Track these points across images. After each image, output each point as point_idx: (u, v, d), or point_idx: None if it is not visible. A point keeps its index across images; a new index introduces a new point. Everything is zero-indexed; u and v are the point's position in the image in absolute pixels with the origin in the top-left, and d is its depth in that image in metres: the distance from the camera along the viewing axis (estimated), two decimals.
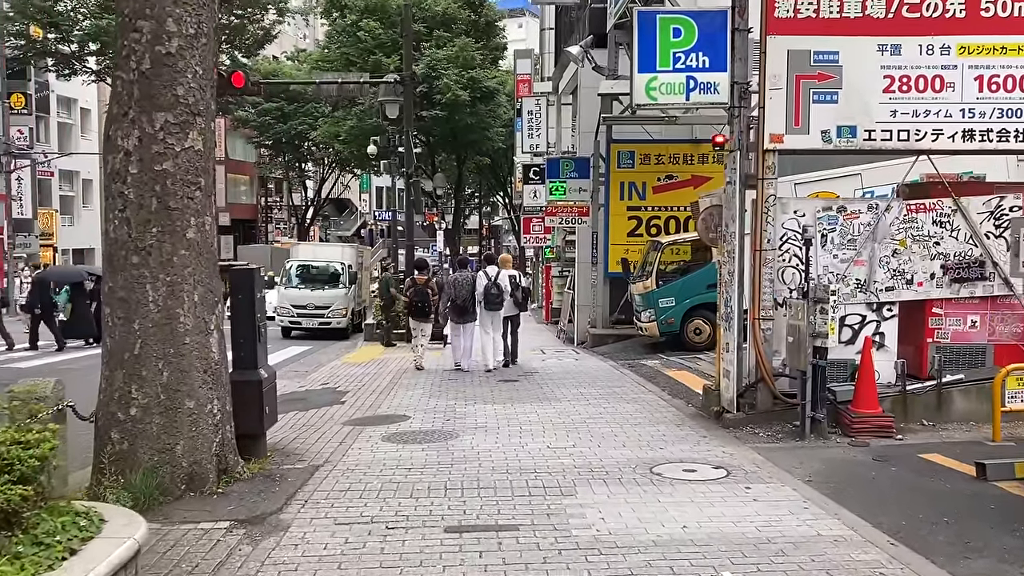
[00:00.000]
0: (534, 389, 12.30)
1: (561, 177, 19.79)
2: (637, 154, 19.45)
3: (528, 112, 29.47)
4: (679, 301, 16.33)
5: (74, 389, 6.92)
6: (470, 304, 14.32)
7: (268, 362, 8.60)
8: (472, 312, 14.40)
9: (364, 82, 20.66)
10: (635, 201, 19.52)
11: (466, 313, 14.41)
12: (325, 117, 46.24)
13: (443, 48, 40.86)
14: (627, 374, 13.63)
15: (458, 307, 14.40)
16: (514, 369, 14.72)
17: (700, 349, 16.25)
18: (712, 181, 19.06)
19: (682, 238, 17.25)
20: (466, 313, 14.41)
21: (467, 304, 14.32)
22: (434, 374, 14.26)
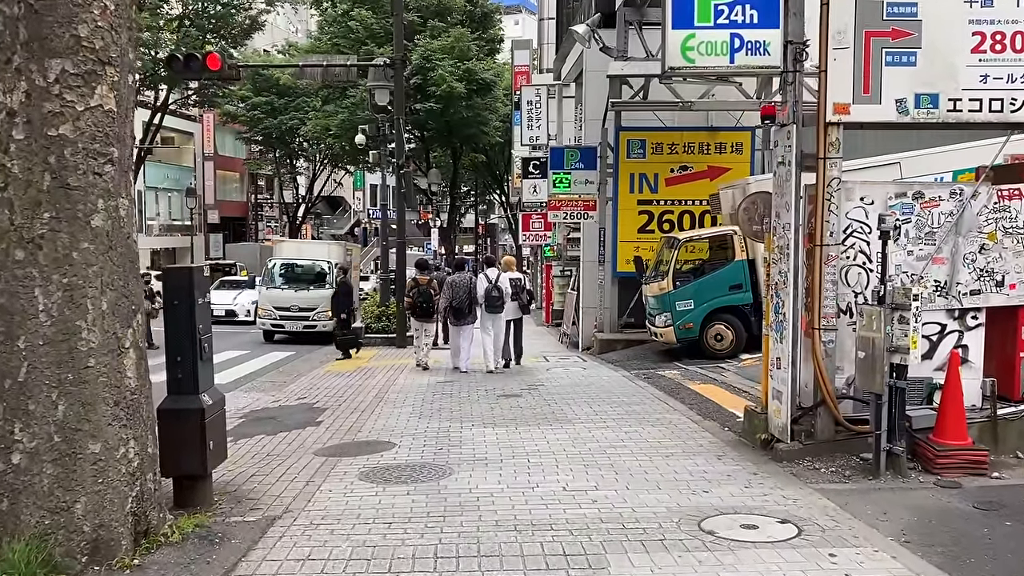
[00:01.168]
0: (540, 406, 10.65)
1: (565, 168, 18.16)
2: (648, 143, 17.83)
3: (528, 102, 27.82)
4: (698, 304, 14.70)
5: None
6: (467, 306, 14.19)
7: (215, 383, 6.93)
8: (470, 314, 14.27)
9: (351, 65, 18.99)
10: (646, 194, 17.90)
11: (464, 315, 14.27)
12: (316, 111, 44.50)
13: (438, 39, 39.23)
14: (644, 387, 11.99)
15: (456, 309, 14.24)
16: (516, 380, 13.10)
17: (721, 357, 14.66)
18: (731, 172, 17.51)
19: (701, 234, 15.62)
20: (464, 315, 14.27)
21: (464, 306, 14.19)
22: (427, 387, 12.61)
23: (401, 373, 14.48)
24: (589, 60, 18.58)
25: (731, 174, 17.51)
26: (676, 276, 14.79)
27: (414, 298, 15.04)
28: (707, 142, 17.86)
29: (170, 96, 41.73)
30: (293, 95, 49.06)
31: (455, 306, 14.22)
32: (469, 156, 48.62)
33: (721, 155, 17.85)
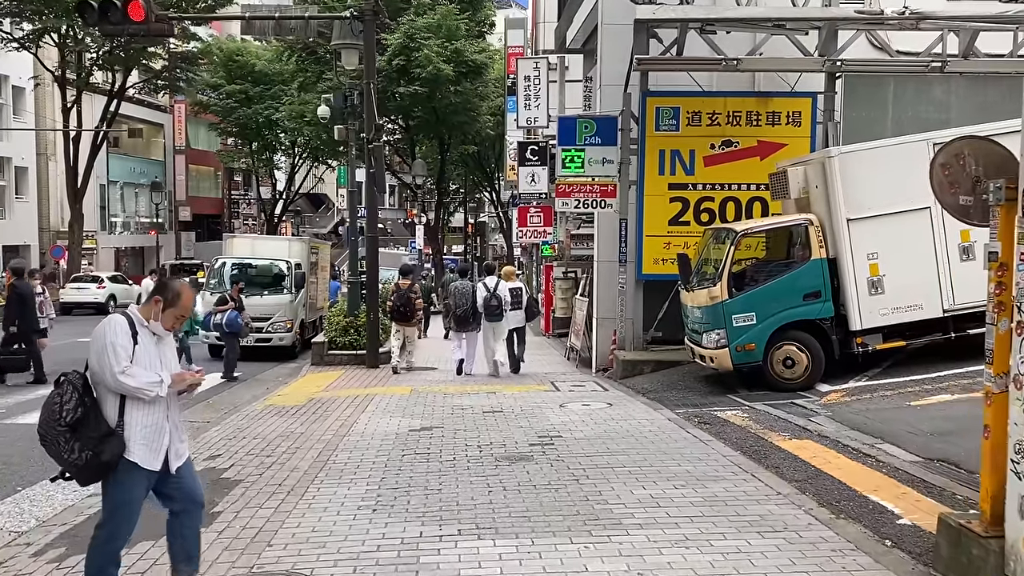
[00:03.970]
0: (564, 483, 6.91)
1: (578, 143, 14.42)
2: (683, 111, 14.15)
3: (525, 78, 24.08)
4: (763, 318, 11.02)
5: None
6: (470, 313, 14.17)
7: None
8: (472, 321, 14.25)
9: (310, 17, 15.21)
10: (679, 176, 14.22)
11: (467, 322, 14.28)
12: (292, 100, 40.60)
13: (423, 16, 35.47)
14: (709, 444, 8.26)
15: (459, 317, 14.32)
16: (522, 426, 9.36)
17: (791, 388, 10.98)
18: (787, 149, 13.91)
19: (765, 225, 11.94)
20: (467, 322, 14.28)
21: (467, 314, 14.19)
22: (396, 439, 8.85)
23: (365, 409, 10.75)
24: (606, 9, 14.88)
25: (787, 151, 13.91)
26: (732, 281, 11.10)
27: (394, 301, 14.92)
28: (756, 111, 14.18)
29: (128, 80, 37.81)
30: (269, 83, 45.37)
31: (458, 314, 14.27)
32: (458, 149, 44.92)
33: (774, 127, 14.17)
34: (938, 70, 13.54)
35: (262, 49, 48.18)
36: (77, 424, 4.23)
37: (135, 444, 4.32)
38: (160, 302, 4.46)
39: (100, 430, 4.27)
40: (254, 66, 46.36)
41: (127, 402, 4.32)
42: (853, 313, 10.99)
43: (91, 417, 4.27)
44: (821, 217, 11.18)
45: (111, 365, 4.23)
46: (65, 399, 4.25)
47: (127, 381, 4.25)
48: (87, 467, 4.28)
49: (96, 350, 4.31)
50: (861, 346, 11.12)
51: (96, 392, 4.37)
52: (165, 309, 4.46)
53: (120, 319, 4.41)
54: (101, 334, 4.33)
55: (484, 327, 14.28)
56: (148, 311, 4.47)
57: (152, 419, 4.38)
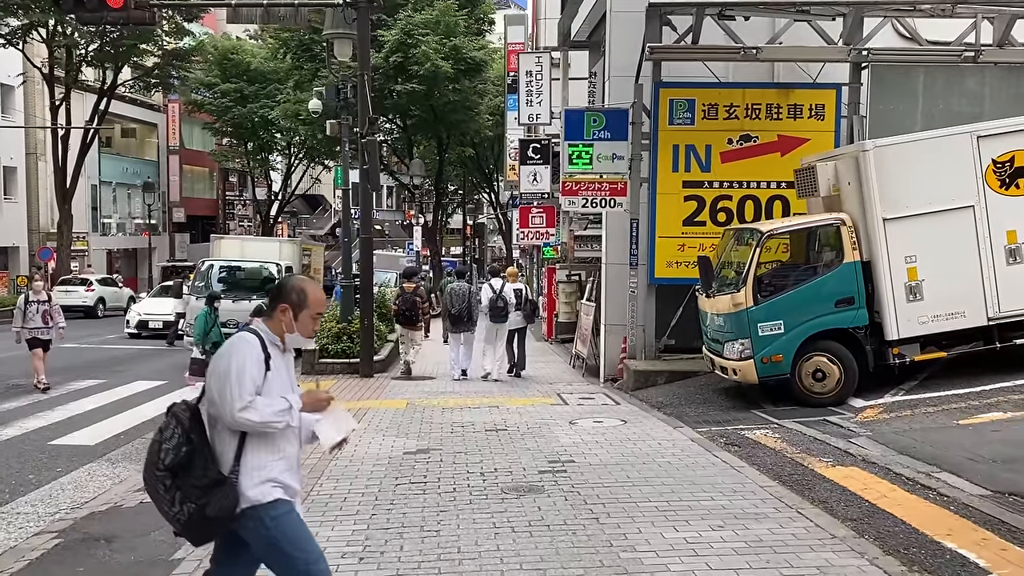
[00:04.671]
0: (583, 523, 5.98)
1: (586, 138, 13.47)
2: (698, 104, 13.23)
3: (527, 73, 23.16)
4: (791, 326, 10.08)
5: None
6: (464, 314, 14.21)
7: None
8: (468, 321, 14.29)
9: (300, 4, 14.27)
10: (695, 173, 13.30)
11: (461, 322, 14.29)
12: (287, 98, 39.60)
13: (421, 12, 34.54)
14: (742, 471, 7.32)
15: (453, 316, 14.32)
16: (529, 448, 8.44)
17: (822, 404, 10.05)
18: (809, 144, 13.00)
19: (794, 225, 10.98)
20: (461, 322, 14.29)
21: (462, 314, 14.21)
22: (388, 465, 7.92)
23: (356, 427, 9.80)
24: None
25: (809, 147, 13.01)
26: (758, 286, 10.17)
27: (399, 305, 14.85)
28: (777, 103, 13.25)
29: (119, 77, 36.82)
30: (264, 82, 44.40)
31: (453, 313, 14.26)
32: (456, 150, 44.00)
33: (796, 121, 13.25)
34: (971, 60, 12.66)
35: (257, 47, 47.29)
36: (178, 468, 3.43)
37: (263, 483, 3.53)
38: (288, 309, 3.66)
39: (207, 477, 3.45)
40: (249, 64, 45.38)
41: (248, 441, 3.51)
42: (889, 321, 10.06)
43: (196, 460, 3.46)
44: (854, 216, 10.25)
45: (232, 399, 3.42)
46: (166, 436, 3.46)
47: (249, 417, 3.43)
48: (191, 524, 3.46)
49: (218, 376, 3.48)
50: (898, 357, 10.18)
51: (210, 429, 3.55)
52: (298, 314, 3.66)
53: (252, 340, 3.59)
54: (226, 358, 3.52)
55: (487, 328, 14.25)
56: (278, 325, 3.67)
57: (278, 455, 3.59)
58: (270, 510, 3.51)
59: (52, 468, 8.50)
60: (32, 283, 14.49)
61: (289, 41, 38.21)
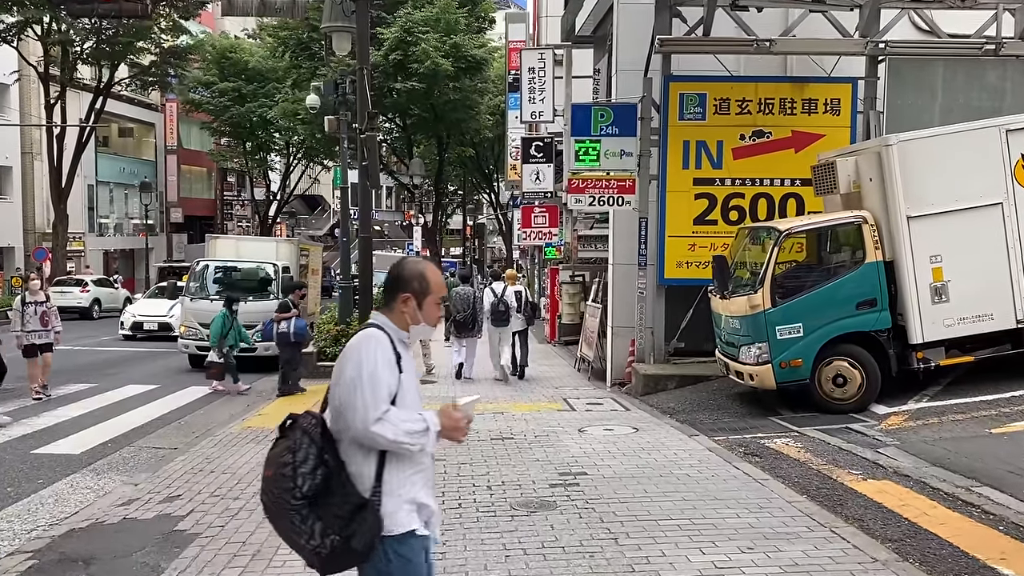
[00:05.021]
0: (600, 545, 5.52)
1: (593, 134, 13.01)
2: (709, 98, 12.77)
3: (530, 70, 22.66)
4: (811, 329, 9.62)
5: None
6: (471, 319, 14.09)
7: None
8: (473, 327, 14.18)
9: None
10: (706, 170, 12.84)
11: (467, 328, 14.17)
12: (286, 97, 39.15)
13: (421, 9, 34.09)
14: (766, 485, 6.86)
15: (459, 323, 14.17)
16: (537, 457, 7.98)
17: (843, 410, 9.59)
18: (824, 140, 12.53)
19: (813, 223, 10.46)
20: (467, 328, 14.17)
21: (467, 319, 14.09)
22: None
23: None
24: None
25: (824, 143, 12.55)
26: (775, 287, 9.71)
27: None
28: (791, 98, 12.79)
29: (116, 76, 36.33)
30: (263, 81, 43.98)
31: (459, 319, 14.13)
32: (456, 149, 43.56)
33: (811, 116, 12.79)
34: (992, 53, 12.19)
35: (255, 46, 46.86)
36: (317, 496, 2.91)
37: (402, 506, 2.99)
38: (411, 297, 3.14)
39: (349, 503, 2.93)
40: (247, 63, 44.98)
41: (388, 458, 2.99)
42: (914, 324, 9.60)
43: (335, 484, 2.94)
44: (876, 214, 9.80)
45: (363, 408, 2.91)
46: (299, 458, 2.92)
47: (381, 432, 2.92)
48: (334, 558, 2.94)
49: (345, 383, 2.96)
50: (922, 361, 9.72)
51: (340, 443, 3.01)
52: (422, 302, 3.16)
53: (381, 337, 3.07)
54: (354, 360, 2.99)
55: (491, 332, 14.17)
56: (402, 318, 3.15)
57: (419, 477, 3.07)
58: (398, 545, 2.97)
59: (33, 480, 8.04)
60: (29, 283, 13.69)
61: (288, 40, 37.76)
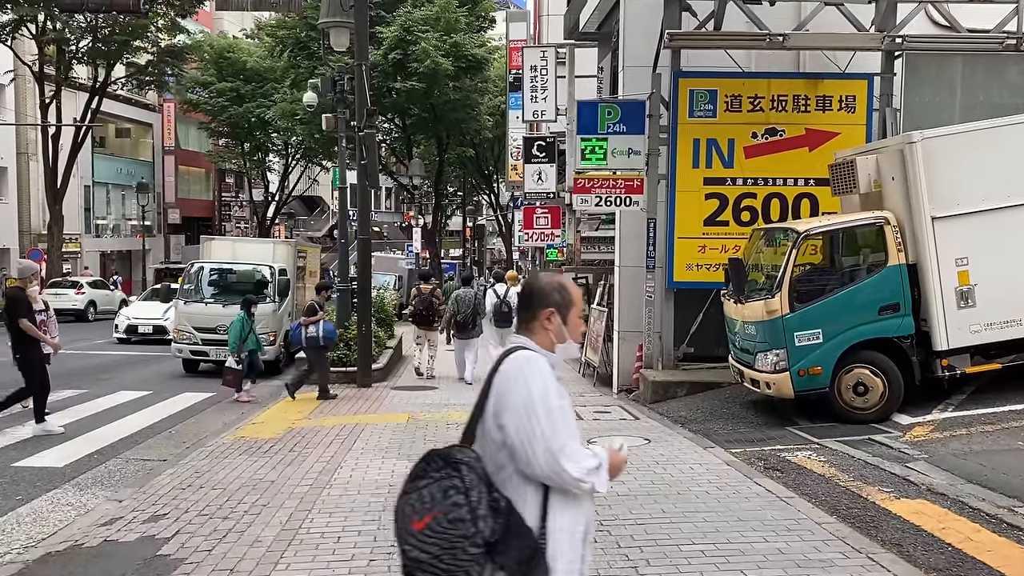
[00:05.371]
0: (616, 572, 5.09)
1: (599, 131, 12.57)
2: (720, 95, 12.34)
3: (532, 67, 22.22)
4: (831, 336, 9.17)
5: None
6: (471, 320, 14.30)
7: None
8: (474, 328, 14.40)
9: None
10: (717, 169, 12.41)
11: (468, 329, 14.38)
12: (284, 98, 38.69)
13: (421, 8, 33.67)
14: (792, 503, 6.42)
15: (460, 323, 14.37)
16: None
17: (863, 420, 9.14)
18: (840, 138, 12.10)
19: (833, 224, 9.99)
20: (468, 329, 14.38)
21: (467, 320, 14.28)
22: (388, 494, 6.99)
23: (353, 446, 8.92)
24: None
25: (839, 141, 12.13)
26: (794, 291, 9.26)
27: (416, 306, 14.87)
28: (805, 95, 12.37)
29: (112, 75, 35.87)
30: (261, 81, 43.56)
31: (459, 320, 14.32)
32: (456, 150, 43.13)
33: (825, 113, 12.37)
34: (1013, 48, 11.76)
35: (253, 46, 46.46)
36: (498, 542, 2.53)
37: (565, 552, 2.66)
38: (554, 311, 2.82)
39: (528, 546, 2.59)
40: (245, 63, 44.59)
41: (552, 496, 2.66)
42: (938, 330, 9.16)
43: (514, 526, 2.58)
44: (898, 215, 9.36)
45: (545, 441, 2.58)
46: (474, 499, 2.53)
47: (566, 469, 2.59)
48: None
49: (516, 410, 2.63)
50: (947, 369, 9.28)
51: (497, 478, 2.66)
52: (567, 316, 2.84)
53: (542, 361, 2.74)
54: (523, 388, 2.65)
55: (492, 333, 14.38)
56: (545, 337, 2.83)
57: (583, 519, 2.75)
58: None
59: (11, 496, 7.58)
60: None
61: (286, 39, 37.36)
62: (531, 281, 2.93)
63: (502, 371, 2.73)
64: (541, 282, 2.91)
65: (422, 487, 2.56)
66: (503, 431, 2.63)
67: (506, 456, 2.63)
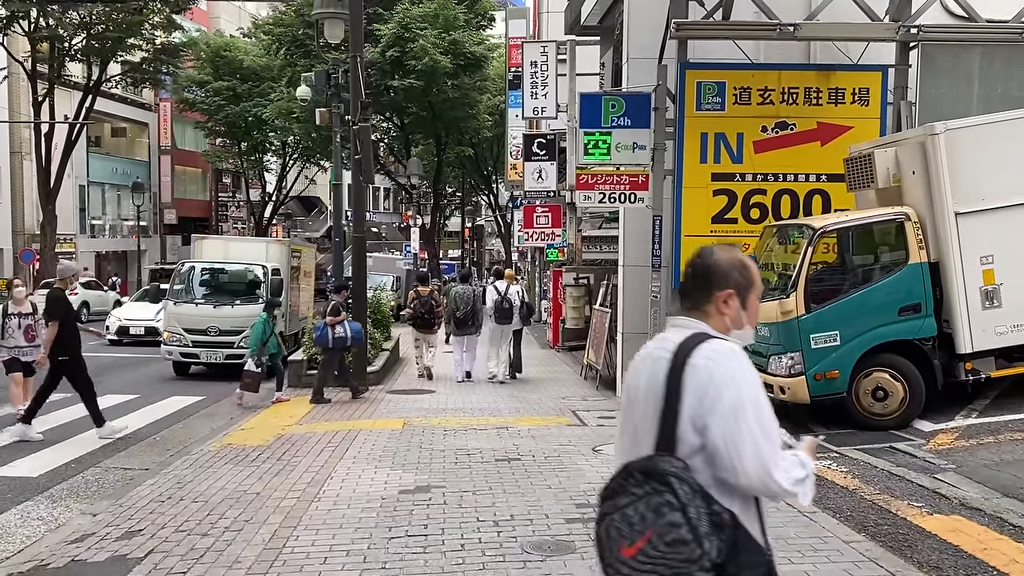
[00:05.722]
0: None
1: (603, 125, 12.08)
2: (729, 87, 11.87)
3: (532, 63, 21.78)
4: (848, 338, 8.71)
5: None
6: (470, 316, 14.26)
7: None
8: (472, 325, 14.37)
9: None
10: (725, 164, 11.93)
11: (467, 326, 14.33)
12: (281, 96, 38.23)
13: (419, 5, 33.21)
14: (816, 520, 5.93)
15: (459, 320, 14.33)
16: (552, 486, 7.05)
17: (884, 427, 8.67)
18: (853, 132, 11.63)
19: (851, 221, 9.51)
20: (467, 326, 14.33)
21: (467, 316, 14.24)
22: (380, 508, 6.53)
23: (345, 454, 8.44)
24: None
25: (852, 135, 11.66)
26: (810, 291, 8.79)
27: (415, 308, 14.65)
28: (817, 87, 11.89)
29: (106, 73, 35.37)
30: (257, 80, 43.11)
31: (458, 317, 14.28)
32: (455, 149, 42.69)
33: (837, 106, 11.88)
34: None
35: (250, 45, 46.04)
36: (726, 562, 2.17)
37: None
38: (734, 293, 2.46)
39: (757, 562, 2.27)
40: (242, 62, 44.17)
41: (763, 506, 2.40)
42: (962, 332, 8.70)
43: (742, 541, 2.24)
44: (919, 211, 8.90)
45: (760, 445, 2.25)
46: (692, 516, 2.15)
47: (778, 479, 2.25)
48: None
49: (724, 411, 2.26)
50: (971, 373, 8.82)
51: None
52: (747, 299, 2.49)
53: (745, 355, 2.36)
54: (732, 388, 2.28)
55: (492, 329, 14.44)
56: (720, 322, 2.46)
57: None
58: None
59: None
60: (13, 291, 11.58)
61: (282, 36, 36.96)
62: (706, 257, 2.52)
63: (697, 366, 2.30)
64: (719, 259, 2.50)
65: (624, 506, 2.20)
66: (704, 435, 2.26)
67: (702, 462, 2.27)
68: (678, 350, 2.36)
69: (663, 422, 2.31)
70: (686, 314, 2.49)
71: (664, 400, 2.32)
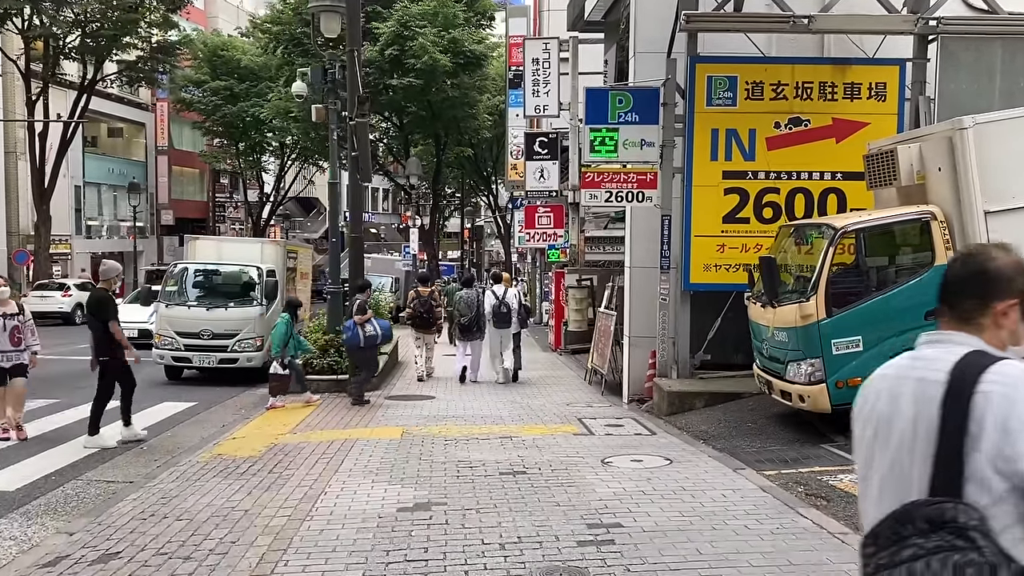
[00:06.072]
0: None
1: (610, 121, 11.63)
2: (740, 82, 11.42)
3: (533, 60, 21.30)
4: (871, 344, 8.25)
5: None
6: (474, 322, 14.15)
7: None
8: (476, 330, 14.24)
9: None
10: (737, 162, 11.48)
11: (471, 331, 14.28)
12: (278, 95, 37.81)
13: (418, 3, 32.81)
14: (848, 542, 5.49)
15: (463, 326, 14.32)
16: (563, 511, 6.58)
17: None
18: (869, 128, 11.20)
19: (874, 220, 8.99)
20: (471, 331, 14.28)
21: (471, 322, 14.17)
22: (377, 528, 6.07)
23: (340, 466, 7.99)
24: None
25: (868, 131, 11.21)
26: (831, 295, 8.33)
27: (415, 308, 14.57)
28: (832, 82, 11.44)
29: (101, 72, 34.92)
30: (255, 79, 42.72)
31: (463, 323, 14.28)
32: (455, 149, 42.27)
33: (853, 102, 11.44)
34: None
35: (248, 44, 45.66)
36: None
37: None
38: (1017, 302, 2.04)
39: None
40: (239, 62, 43.80)
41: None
42: None
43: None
44: (945, 209, 8.44)
45: None
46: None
47: None
48: None
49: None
50: None
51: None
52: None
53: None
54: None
55: (491, 334, 14.25)
56: (996, 339, 2.05)
57: None
58: None
59: None
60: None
61: (280, 35, 36.58)
62: (982, 259, 2.06)
63: (991, 393, 1.87)
64: (1001, 263, 2.05)
65: (908, 559, 1.77)
66: (1014, 478, 1.82)
67: (1010, 512, 1.83)
68: (957, 372, 1.94)
69: (946, 460, 1.88)
70: (952, 327, 2.06)
71: (946, 434, 1.90)
